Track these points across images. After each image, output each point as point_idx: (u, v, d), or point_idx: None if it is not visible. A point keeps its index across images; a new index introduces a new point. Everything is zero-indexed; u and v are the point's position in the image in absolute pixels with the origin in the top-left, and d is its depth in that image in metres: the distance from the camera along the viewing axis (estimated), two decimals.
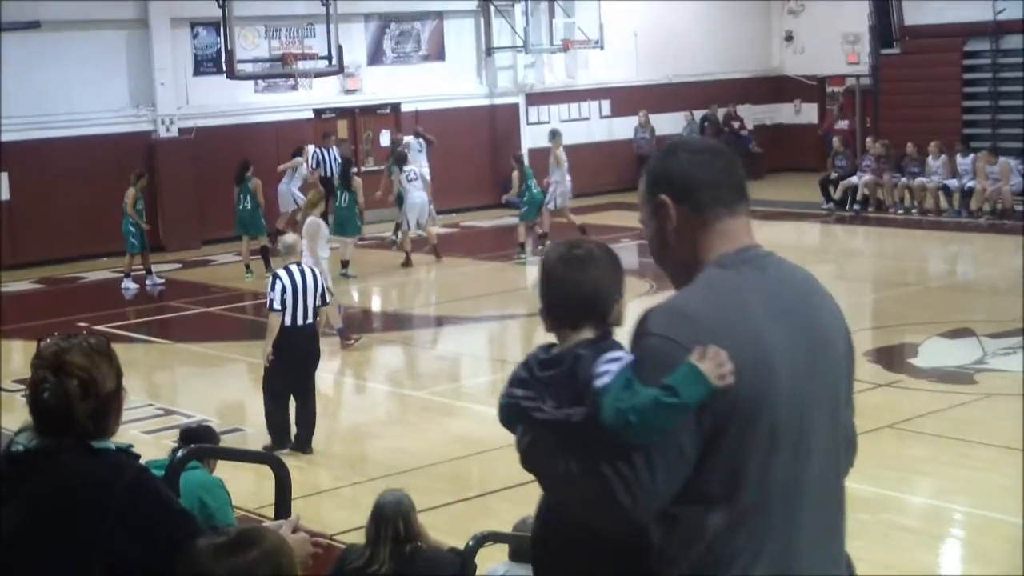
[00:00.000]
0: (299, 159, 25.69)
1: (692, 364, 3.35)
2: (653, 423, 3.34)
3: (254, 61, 26.83)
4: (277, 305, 12.84)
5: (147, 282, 23.27)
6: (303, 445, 13.03)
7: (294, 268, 13.07)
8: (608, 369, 3.42)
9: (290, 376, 13.03)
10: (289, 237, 14.02)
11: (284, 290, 12.85)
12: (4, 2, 24.46)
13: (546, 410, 3.50)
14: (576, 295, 3.57)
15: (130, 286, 22.95)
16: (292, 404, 13.15)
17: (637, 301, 20.53)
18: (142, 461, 4.21)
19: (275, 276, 13.22)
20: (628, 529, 3.45)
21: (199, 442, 8.30)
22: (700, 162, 3.76)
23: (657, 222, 3.72)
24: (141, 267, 23.33)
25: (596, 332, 3.55)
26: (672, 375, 3.35)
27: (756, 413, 3.45)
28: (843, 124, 33.71)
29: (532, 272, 24.68)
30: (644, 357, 3.47)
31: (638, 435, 3.35)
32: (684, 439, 3.40)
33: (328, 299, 13.93)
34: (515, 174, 25.21)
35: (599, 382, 3.40)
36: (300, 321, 12.91)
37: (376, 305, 22.55)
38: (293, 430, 13.11)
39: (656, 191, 3.73)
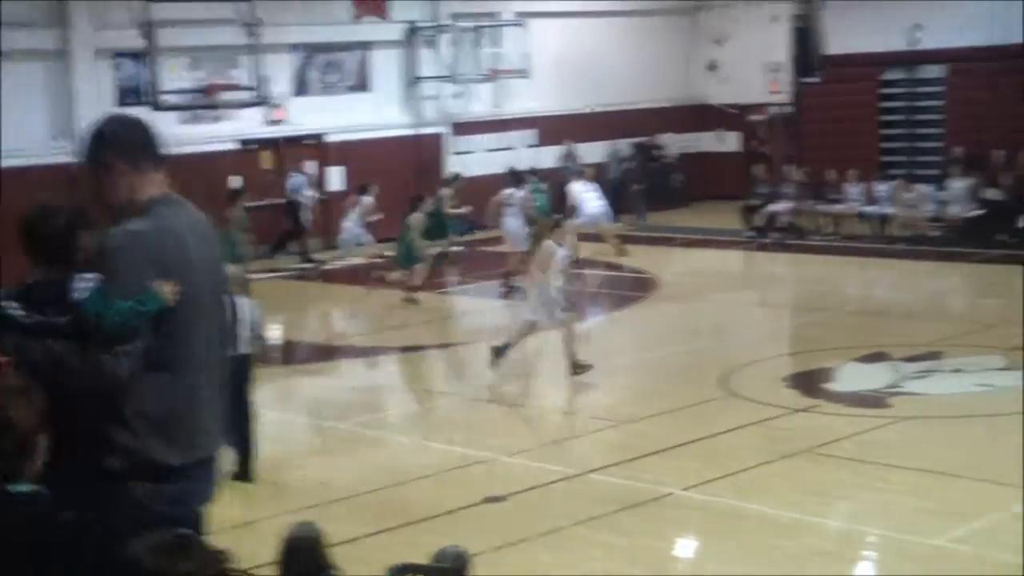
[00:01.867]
0: (367, 198, 25.42)
1: (156, 285, 5.27)
2: (128, 322, 5.20)
3: (179, 92, 26.60)
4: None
5: None
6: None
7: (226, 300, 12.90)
8: (82, 287, 5.28)
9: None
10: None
11: None
12: None
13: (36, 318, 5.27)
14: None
15: None
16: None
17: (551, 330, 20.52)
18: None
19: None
20: (114, 388, 5.25)
21: None
22: (132, 129, 5.68)
23: (109, 177, 5.57)
24: None
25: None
26: (143, 293, 5.25)
27: (188, 314, 5.45)
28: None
29: (457, 303, 24.69)
30: (117, 265, 5.29)
31: (116, 330, 5.18)
32: (147, 332, 5.30)
33: (260, 334, 13.49)
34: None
35: (77, 295, 5.26)
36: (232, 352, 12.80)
37: (298, 336, 22.35)
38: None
39: (103, 153, 5.58)
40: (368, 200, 25.42)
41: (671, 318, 21.75)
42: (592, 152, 33.09)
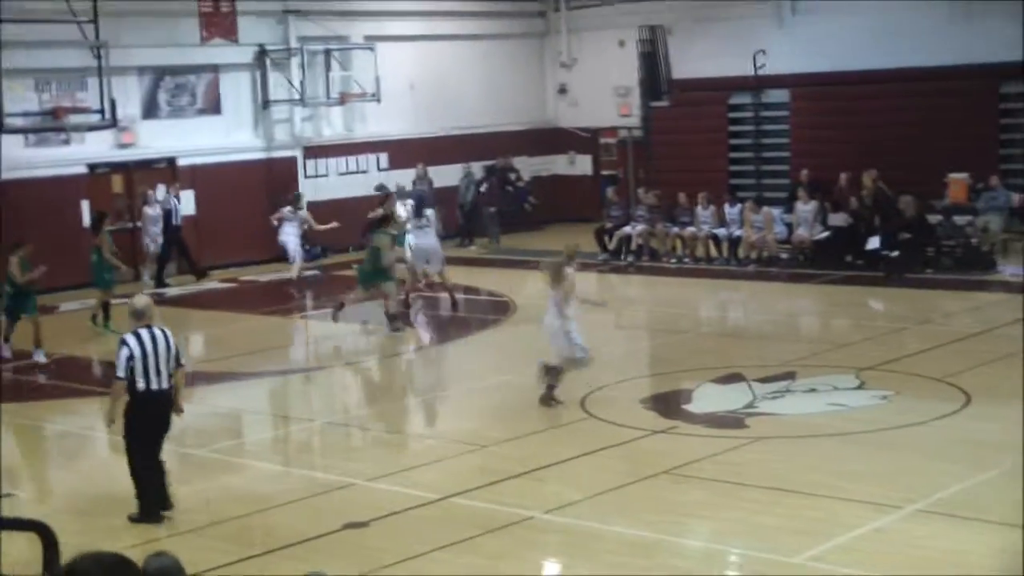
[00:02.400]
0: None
1: None
2: None
3: (24, 115, 26.08)
4: (122, 372, 12.31)
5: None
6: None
7: (144, 332, 12.43)
8: None
9: (148, 443, 12.68)
10: (140, 300, 13.01)
11: (131, 356, 12.26)
12: None
13: None
14: None
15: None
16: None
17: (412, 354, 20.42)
18: None
19: (122, 342, 12.48)
20: None
21: None
22: None
23: None
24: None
25: None
26: None
27: None
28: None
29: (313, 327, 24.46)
30: None
31: None
32: None
33: (183, 361, 13.03)
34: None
35: None
36: (154, 386, 12.43)
37: None
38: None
39: None
40: None
41: (529, 340, 21.66)
42: (446, 175, 33.09)
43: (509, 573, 11.08)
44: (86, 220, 27.59)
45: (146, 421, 12.50)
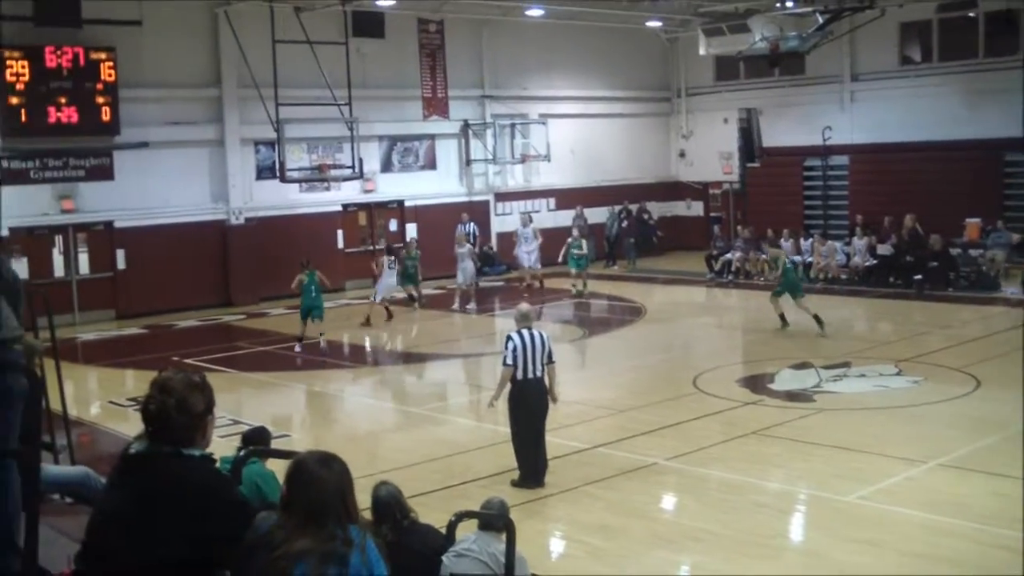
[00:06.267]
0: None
1: None
2: None
3: (299, 169, 26.78)
4: (509, 360, 11.49)
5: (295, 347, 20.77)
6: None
7: (525, 332, 11.57)
8: None
9: (525, 422, 11.67)
10: (524, 306, 12.11)
11: (515, 348, 11.45)
12: (124, 128, 24.49)
13: None
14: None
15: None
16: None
17: (571, 344, 20.59)
18: (217, 459, 4.17)
19: (509, 338, 11.57)
20: None
21: (256, 444, 8.25)
22: None
23: None
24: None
25: None
26: None
27: None
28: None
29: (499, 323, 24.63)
30: None
31: None
32: None
33: (554, 359, 11.78)
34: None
35: None
36: (531, 375, 11.55)
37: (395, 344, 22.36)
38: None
39: None
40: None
41: (655, 335, 21.73)
42: (597, 214, 33.04)
43: (637, 504, 11.09)
44: (340, 244, 28.32)
45: (524, 404, 11.56)
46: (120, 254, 25.42)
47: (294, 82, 25.19)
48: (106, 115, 24.23)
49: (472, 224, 29.17)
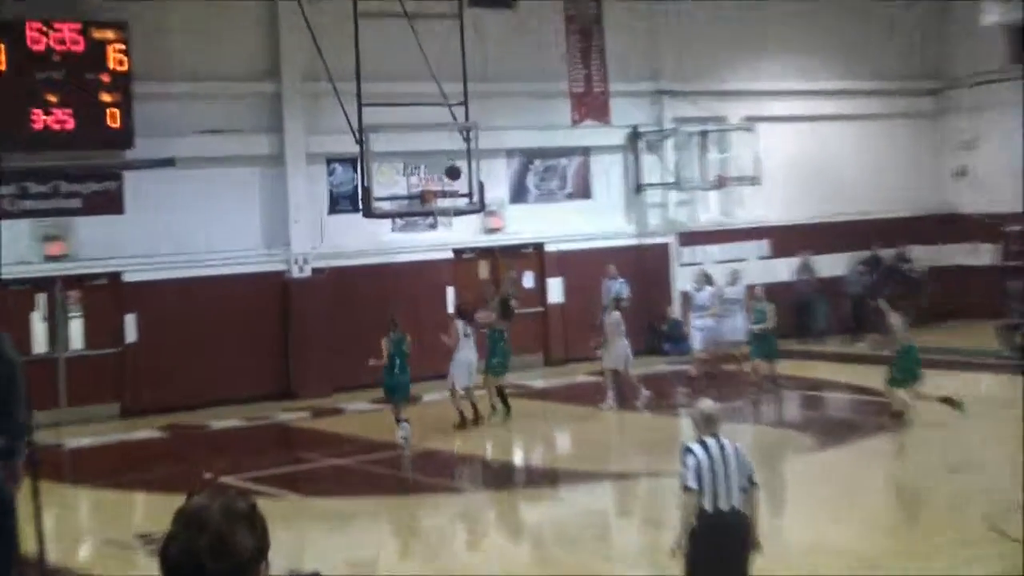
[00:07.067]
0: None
1: None
2: None
3: (392, 199, 26.79)
4: (691, 482, 11.26)
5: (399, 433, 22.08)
6: None
7: (711, 441, 11.38)
8: None
9: (711, 571, 11.45)
10: (709, 404, 11.96)
11: (698, 466, 11.22)
12: (139, 139, 24.92)
13: None
14: None
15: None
16: None
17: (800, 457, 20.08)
18: None
19: (687, 450, 11.43)
20: None
21: None
22: None
23: None
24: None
25: None
26: None
27: None
28: None
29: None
30: None
31: None
32: None
33: (755, 479, 11.66)
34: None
35: None
36: (723, 506, 11.27)
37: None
38: None
39: None
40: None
41: (924, 447, 21.08)
42: (831, 264, 32.66)
43: None
44: (451, 306, 28.28)
45: (714, 548, 11.31)
46: (130, 321, 25.92)
47: (385, 74, 25.61)
48: (114, 120, 24.74)
49: (620, 283, 28.80)
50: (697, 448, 11.22)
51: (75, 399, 25.27)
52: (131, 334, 25.86)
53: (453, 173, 23.83)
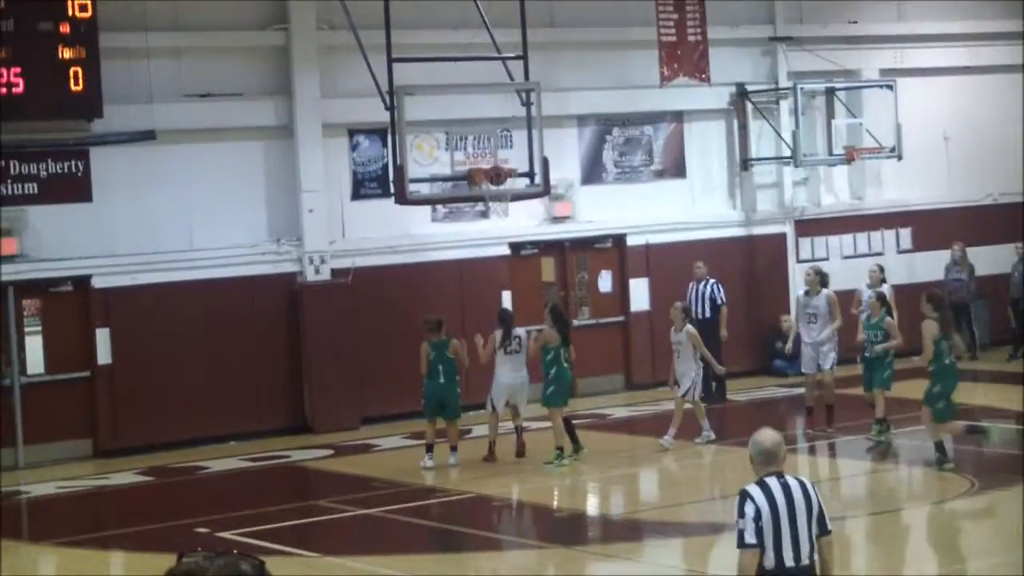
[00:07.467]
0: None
1: None
2: None
3: (432, 180, 26.79)
4: (750, 538, 11.34)
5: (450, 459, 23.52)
6: None
7: (773, 483, 11.49)
8: None
9: None
10: (769, 435, 11.84)
11: (758, 515, 11.28)
12: (109, 107, 25.04)
13: None
14: None
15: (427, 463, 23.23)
16: None
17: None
18: None
19: (744, 496, 11.52)
20: None
21: None
22: None
23: None
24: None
25: None
26: None
27: None
28: None
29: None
30: None
31: None
32: None
33: (829, 527, 11.74)
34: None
35: None
36: (789, 562, 11.40)
37: None
38: None
39: None
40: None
41: None
42: (989, 259, 32.65)
43: None
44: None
45: None
46: (102, 337, 26.06)
47: (420, 21, 26.06)
48: (77, 82, 24.81)
49: (711, 283, 28.51)
50: (756, 492, 11.24)
51: (36, 436, 25.41)
52: (104, 354, 25.94)
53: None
